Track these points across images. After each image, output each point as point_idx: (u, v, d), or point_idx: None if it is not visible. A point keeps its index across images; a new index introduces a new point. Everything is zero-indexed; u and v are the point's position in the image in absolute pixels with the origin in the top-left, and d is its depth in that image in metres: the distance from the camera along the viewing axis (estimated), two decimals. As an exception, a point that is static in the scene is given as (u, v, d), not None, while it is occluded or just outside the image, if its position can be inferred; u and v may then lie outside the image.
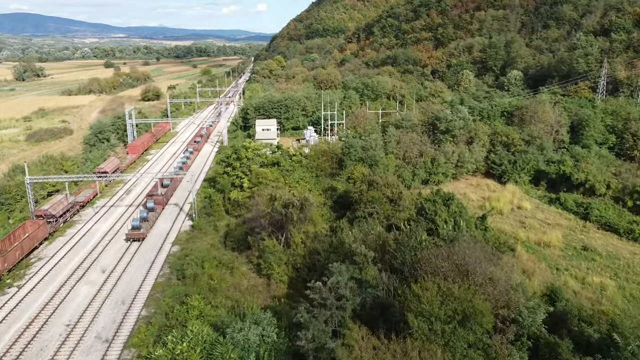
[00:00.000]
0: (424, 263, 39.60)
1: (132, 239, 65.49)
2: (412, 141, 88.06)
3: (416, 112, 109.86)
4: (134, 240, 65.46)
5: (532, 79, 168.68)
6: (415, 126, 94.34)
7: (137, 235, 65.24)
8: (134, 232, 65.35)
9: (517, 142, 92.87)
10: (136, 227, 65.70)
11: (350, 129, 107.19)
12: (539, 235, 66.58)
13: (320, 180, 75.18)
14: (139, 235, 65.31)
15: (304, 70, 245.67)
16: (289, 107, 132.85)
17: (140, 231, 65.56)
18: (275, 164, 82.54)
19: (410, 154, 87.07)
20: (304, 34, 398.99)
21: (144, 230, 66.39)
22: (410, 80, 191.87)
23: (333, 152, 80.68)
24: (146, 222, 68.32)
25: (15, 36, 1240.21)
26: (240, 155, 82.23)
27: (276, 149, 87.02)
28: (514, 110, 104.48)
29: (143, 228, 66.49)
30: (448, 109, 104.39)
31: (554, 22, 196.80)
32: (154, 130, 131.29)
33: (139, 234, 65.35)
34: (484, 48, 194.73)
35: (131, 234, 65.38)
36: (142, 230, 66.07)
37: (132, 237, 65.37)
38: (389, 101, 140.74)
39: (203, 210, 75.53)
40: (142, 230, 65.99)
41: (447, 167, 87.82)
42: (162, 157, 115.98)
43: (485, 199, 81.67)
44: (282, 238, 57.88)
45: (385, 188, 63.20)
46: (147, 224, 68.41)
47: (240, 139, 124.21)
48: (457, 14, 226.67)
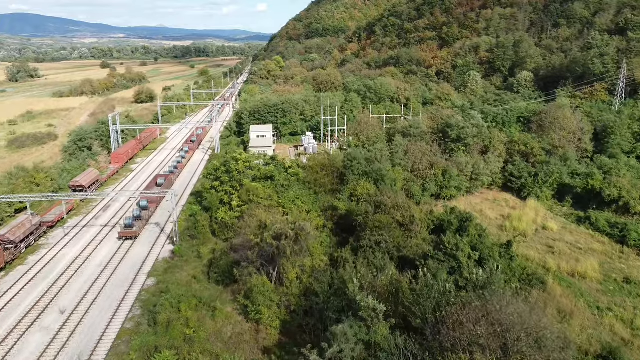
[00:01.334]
0: (451, 324, 30.70)
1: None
2: (421, 151, 79.17)
3: (424, 117, 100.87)
4: (127, 239, 66.18)
5: (544, 80, 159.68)
6: (425, 134, 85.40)
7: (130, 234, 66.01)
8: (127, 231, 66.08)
9: (537, 152, 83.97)
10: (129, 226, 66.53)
11: (352, 137, 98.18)
12: (571, 264, 57.65)
13: (319, 199, 66.22)
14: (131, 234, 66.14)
15: (303, 70, 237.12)
16: (286, 112, 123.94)
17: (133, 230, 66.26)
18: (268, 177, 73.71)
19: (420, 165, 78.18)
20: (304, 34, 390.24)
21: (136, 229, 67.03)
22: (414, 82, 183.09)
23: (333, 165, 71.71)
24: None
25: (14, 36, 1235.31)
26: (230, 168, 73.28)
27: (270, 160, 78.09)
28: (532, 116, 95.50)
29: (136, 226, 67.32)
30: (459, 114, 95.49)
31: (564, 20, 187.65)
32: (141, 137, 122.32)
33: (132, 232, 66.15)
34: (491, 48, 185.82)
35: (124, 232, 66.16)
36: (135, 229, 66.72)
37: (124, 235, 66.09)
38: (393, 104, 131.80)
39: (186, 233, 66.58)
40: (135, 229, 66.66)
41: (461, 180, 78.90)
42: (149, 166, 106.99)
43: (505, 217, 72.73)
44: (273, 272, 48.97)
45: (394, 211, 54.31)
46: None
47: (234, 146, 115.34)
48: (463, 13, 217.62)
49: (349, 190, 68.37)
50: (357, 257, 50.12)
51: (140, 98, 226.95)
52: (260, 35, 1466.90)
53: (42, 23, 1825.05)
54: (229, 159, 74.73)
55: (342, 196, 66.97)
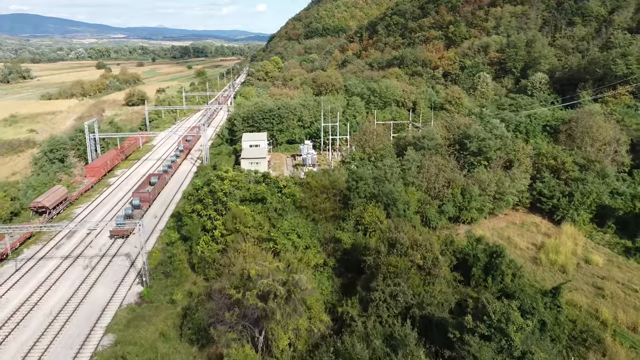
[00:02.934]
0: None
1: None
2: (437, 167, 68.15)
3: (436, 125, 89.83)
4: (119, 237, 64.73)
5: (559, 82, 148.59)
6: (440, 147, 74.38)
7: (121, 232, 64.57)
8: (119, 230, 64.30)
9: (569, 167, 72.96)
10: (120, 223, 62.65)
11: (356, 147, 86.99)
12: (630, 315, 46.64)
13: (318, 229, 55.18)
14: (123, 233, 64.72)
15: (302, 72, 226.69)
16: (282, 118, 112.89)
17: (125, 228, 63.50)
18: (259, 200, 62.77)
19: (436, 183, 67.16)
20: (303, 34, 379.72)
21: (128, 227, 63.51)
22: (419, 84, 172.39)
23: (335, 186, 60.66)
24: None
25: (13, 37, 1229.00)
26: (214, 188, 62.35)
27: (262, 178, 67.09)
28: (559, 124, 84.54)
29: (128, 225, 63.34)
30: (476, 122, 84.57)
31: (579, 18, 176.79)
32: (124, 146, 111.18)
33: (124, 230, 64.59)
34: (502, 48, 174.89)
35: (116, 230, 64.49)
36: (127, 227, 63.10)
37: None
38: (400, 109, 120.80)
39: (160, 269, 55.58)
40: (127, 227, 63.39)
41: (483, 201, 67.88)
42: (130, 179, 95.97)
43: (538, 246, 61.72)
44: (259, 337, 38.02)
45: (413, 251, 43.33)
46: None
47: (225, 156, 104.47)
48: (470, 11, 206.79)
49: (354, 216, 57.44)
50: (368, 315, 39.18)
51: (132, 100, 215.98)
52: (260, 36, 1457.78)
53: (41, 23, 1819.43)
54: (213, 177, 63.77)
55: (347, 224, 55.98)
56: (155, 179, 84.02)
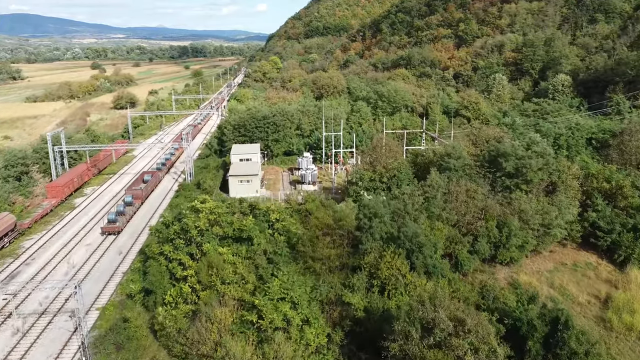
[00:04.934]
0: None
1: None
2: (468, 195, 54.52)
3: (458, 137, 76.08)
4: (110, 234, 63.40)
5: (584, 85, 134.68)
6: (470, 167, 60.67)
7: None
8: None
9: (627, 192, 59.33)
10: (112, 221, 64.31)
11: (363, 162, 73.01)
12: None
13: (320, 286, 41.51)
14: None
15: (302, 72, 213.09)
16: (279, 126, 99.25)
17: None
18: (244, 239, 49.24)
19: (467, 215, 53.55)
20: (303, 33, 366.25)
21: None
22: (429, 86, 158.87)
23: (342, 225, 46.96)
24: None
25: (12, 37, 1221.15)
26: (187, 224, 48.78)
27: (248, 209, 53.46)
28: (608, 138, 70.88)
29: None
30: (508, 133, 70.99)
31: (602, 15, 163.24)
32: (96, 159, 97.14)
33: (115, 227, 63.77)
34: (518, 47, 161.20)
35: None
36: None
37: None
38: (411, 116, 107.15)
39: (110, 337, 41.90)
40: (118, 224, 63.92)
41: (525, 236, 54.27)
42: (100, 199, 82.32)
43: (602, 300, 48.13)
44: None
45: (458, 339, 29.71)
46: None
47: (212, 171, 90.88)
48: (481, 7, 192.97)
49: (368, 266, 43.79)
50: None
51: (120, 103, 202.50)
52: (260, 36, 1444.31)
53: (41, 24, 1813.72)
54: (185, 211, 50.16)
55: (358, 279, 42.29)
56: (149, 177, 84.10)
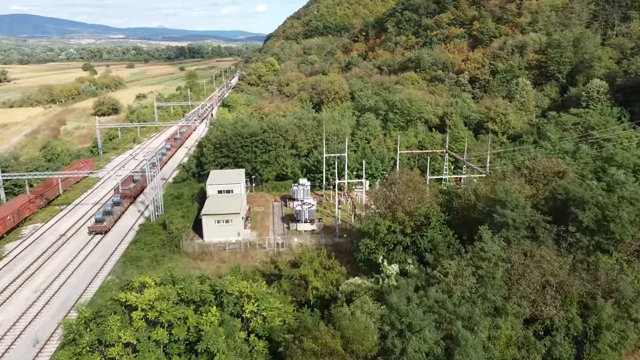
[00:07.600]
0: None
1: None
2: (541, 272, 36.54)
3: (501, 167, 58.02)
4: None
5: (622, 91, 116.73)
6: (536, 222, 42.44)
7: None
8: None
9: None
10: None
11: (380, 209, 53.51)
12: None
13: None
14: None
15: (300, 75, 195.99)
16: (270, 144, 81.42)
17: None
18: (203, 351, 31.27)
19: (540, 305, 35.64)
20: (302, 33, 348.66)
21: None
22: (442, 92, 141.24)
23: (356, 349, 28.54)
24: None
25: (11, 37, 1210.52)
26: (106, 333, 30.80)
27: (212, 293, 35.37)
28: None
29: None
30: (571, 164, 53.11)
31: (636, 12, 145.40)
32: (42, 187, 78.89)
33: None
34: (542, 48, 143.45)
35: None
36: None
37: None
38: (433, 133, 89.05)
39: None
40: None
41: (625, 328, 36.41)
42: (41, 241, 64.51)
43: None
44: None
45: None
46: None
47: (186, 202, 72.92)
48: (498, 4, 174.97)
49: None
50: None
51: (101, 110, 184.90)
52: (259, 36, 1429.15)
53: (41, 24, 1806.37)
54: (106, 307, 32.21)
55: None
56: (140, 176, 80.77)
